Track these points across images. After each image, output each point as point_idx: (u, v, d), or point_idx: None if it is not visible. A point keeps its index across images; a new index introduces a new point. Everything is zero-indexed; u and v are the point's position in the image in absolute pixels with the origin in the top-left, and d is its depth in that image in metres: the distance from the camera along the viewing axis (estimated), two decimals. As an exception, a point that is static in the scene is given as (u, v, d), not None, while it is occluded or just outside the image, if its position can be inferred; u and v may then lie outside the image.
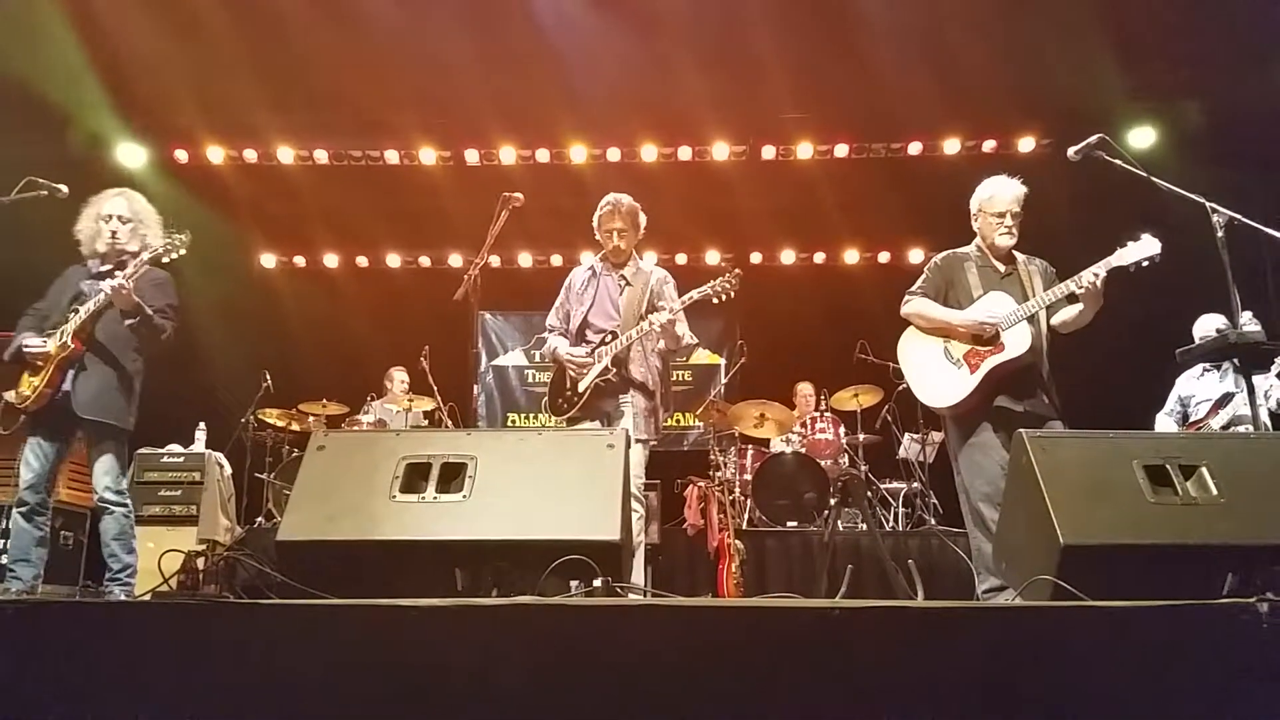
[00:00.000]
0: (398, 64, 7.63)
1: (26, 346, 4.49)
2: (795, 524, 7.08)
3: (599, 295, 4.89)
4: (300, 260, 10.27)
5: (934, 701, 1.94)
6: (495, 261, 9.60)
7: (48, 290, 4.76)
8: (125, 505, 4.65)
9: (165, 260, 4.63)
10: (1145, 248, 3.98)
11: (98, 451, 4.59)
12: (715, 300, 4.71)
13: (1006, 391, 4.14)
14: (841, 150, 8.76)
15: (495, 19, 7.26)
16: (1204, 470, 2.74)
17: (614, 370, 4.67)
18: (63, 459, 4.70)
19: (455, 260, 9.97)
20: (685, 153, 8.89)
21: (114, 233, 4.69)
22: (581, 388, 4.69)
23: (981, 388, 4.13)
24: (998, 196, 4.37)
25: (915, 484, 7.68)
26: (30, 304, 4.81)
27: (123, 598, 4.48)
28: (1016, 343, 4.11)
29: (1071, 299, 4.17)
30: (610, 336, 4.72)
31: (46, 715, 2.01)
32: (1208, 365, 6.06)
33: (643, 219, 4.93)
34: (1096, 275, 4.01)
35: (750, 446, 8.00)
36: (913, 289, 4.46)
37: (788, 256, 10.17)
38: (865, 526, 6.91)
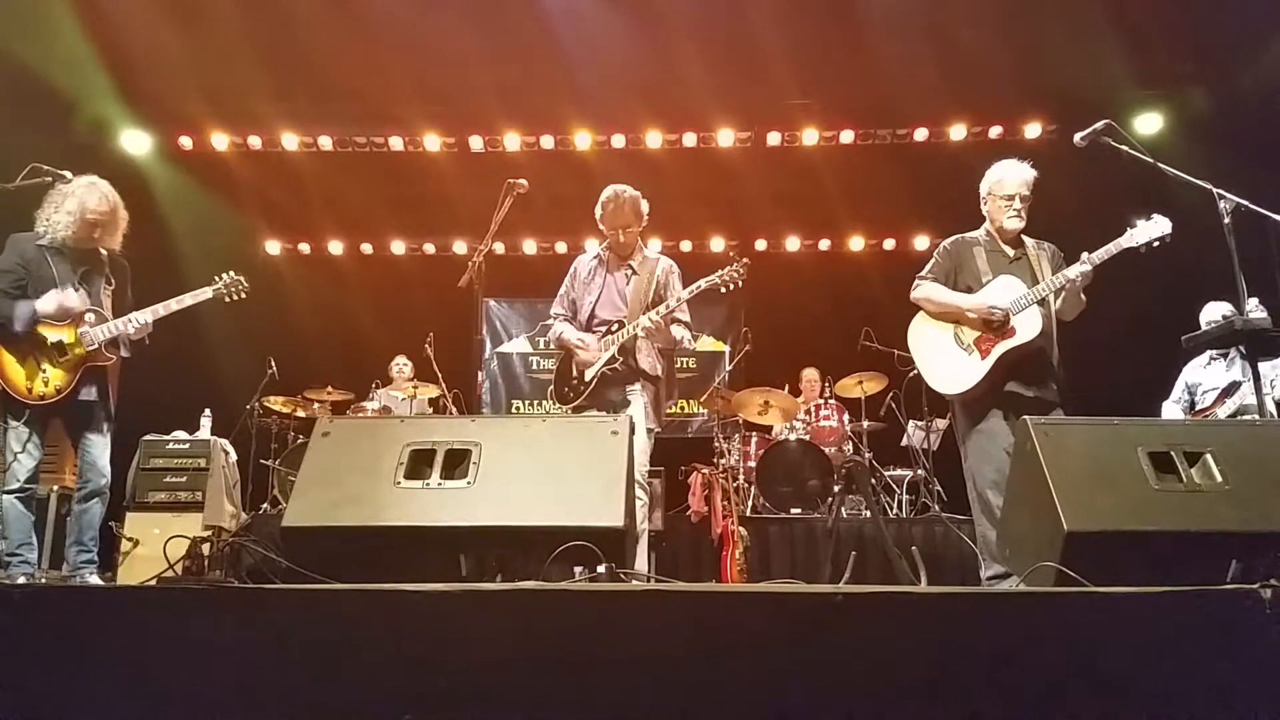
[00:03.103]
0: (402, 51, 7.61)
1: (76, 313, 4.52)
2: (799, 511, 7.09)
3: (606, 286, 4.88)
4: (305, 247, 10.28)
5: (937, 687, 1.94)
6: (500, 248, 9.59)
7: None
8: None
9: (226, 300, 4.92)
10: (1156, 227, 3.97)
11: (101, 441, 4.67)
12: (723, 289, 4.70)
13: (1017, 377, 4.13)
14: (847, 137, 8.73)
15: (499, 5, 7.24)
16: (1208, 457, 2.73)
17: (620, 359, 4.67)
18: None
19: (460, 247, 9.96)
20: (690, 139, 8.87)
21: (97, 235, 4.68)
22: (589, 376, 4.69)
23: (992, 373, 4.12)
24: (1007, 179, 4.37)
25: (919, 471, 7.68)
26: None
27: (96, 581, 4.57)
28: (1028, 327, 4.10)
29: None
30: (617, 326, 4.72)
31: (53, 698, 2.02)
32: (1215, 353, 6.04)
33: (645, 207, 4.91)
34: (1108, 253, 4.01)
35: (754, 433, 8.00)
36: (922, 273, 4.44)
37: (793, 243, 10.14)
38: (869, 513, 6.91)
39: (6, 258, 4.60)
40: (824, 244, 10.18)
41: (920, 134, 8.69)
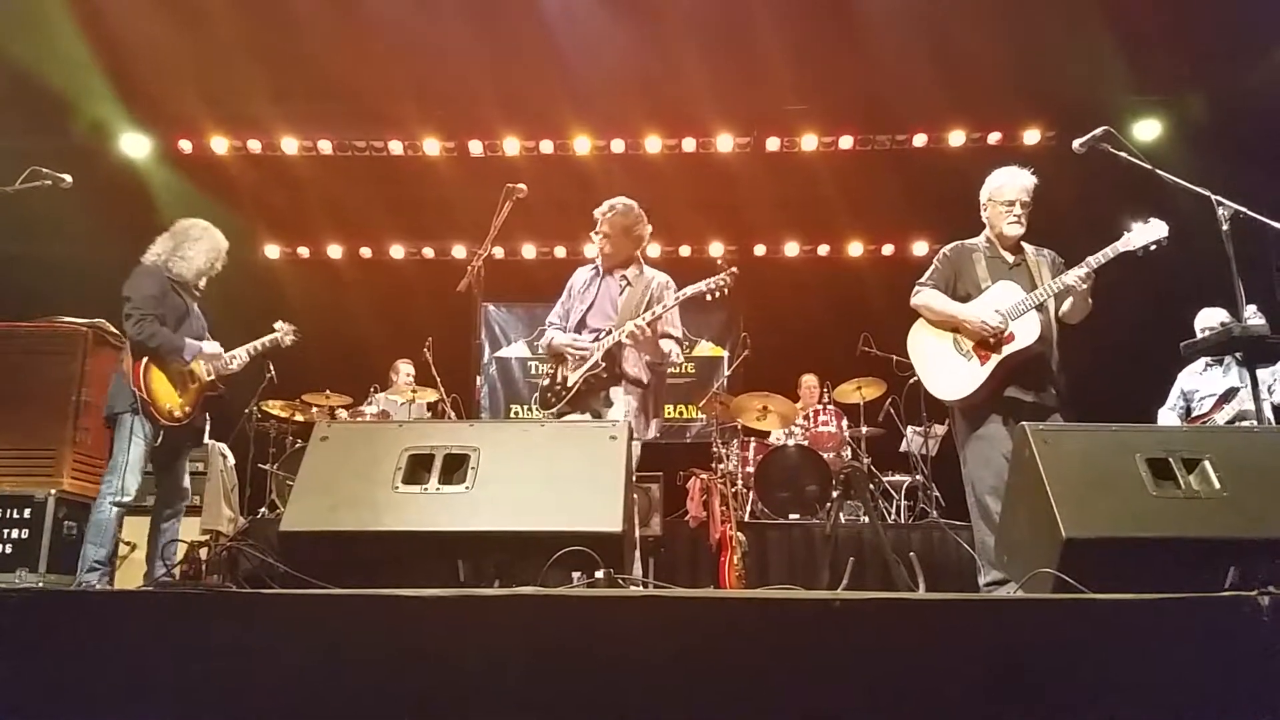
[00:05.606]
0: (402, 54, 7.62)
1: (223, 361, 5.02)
2: (797, 516, 7.09)
3: (599, 296, 4.84)
4: (304, 251, 10.26)
5: (935, 693, 1.94)
6: (499, 253, 9.59)
7: (143, 289, 4.79)
8: None
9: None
10: (1153, 231, 3.98)
11: (188, 463, 5.10)
12: (709, 298, 4.67)
13: (1016, 382, 4.13)
14: (846, 142, 8.74)
15: (499, 9, 7.26)
16: (1206, 463, 2.73)
17: (603, 365, 4.64)
18: None
19: (459, 251, 9.97)
20: (689, 144, 8.88)
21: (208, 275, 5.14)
22: (570, 382, 4.67)
23: (992, 379, 4.12)
24: (1007, 185, 4.38)
25: (918, 477, 7.68)
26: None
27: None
28: (1026, 332, 4.10)
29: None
30: (605, 334, 4.70)
31: (51, 702, 2.01)
32: (1210, 360, 6.04)
33: (642, 230, 4.83)
34: (1106, 256, 4.01)
35: (753, 439, 8.00)
36: (922, 280, 4.44)
37: (792, 249, 10.14)
38: (867, 519, 6.91)
39: (153, 287, 4.84)
40: (823, 249, 10.17)
41: (919, 140, 8.71)
